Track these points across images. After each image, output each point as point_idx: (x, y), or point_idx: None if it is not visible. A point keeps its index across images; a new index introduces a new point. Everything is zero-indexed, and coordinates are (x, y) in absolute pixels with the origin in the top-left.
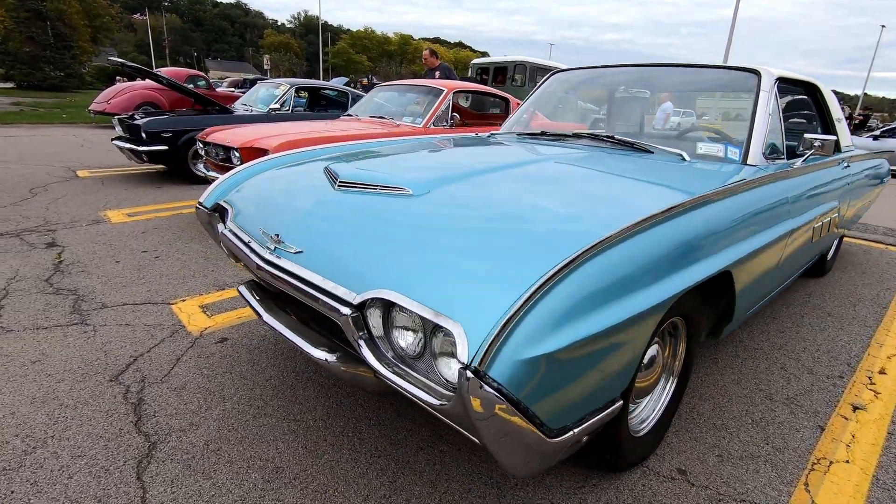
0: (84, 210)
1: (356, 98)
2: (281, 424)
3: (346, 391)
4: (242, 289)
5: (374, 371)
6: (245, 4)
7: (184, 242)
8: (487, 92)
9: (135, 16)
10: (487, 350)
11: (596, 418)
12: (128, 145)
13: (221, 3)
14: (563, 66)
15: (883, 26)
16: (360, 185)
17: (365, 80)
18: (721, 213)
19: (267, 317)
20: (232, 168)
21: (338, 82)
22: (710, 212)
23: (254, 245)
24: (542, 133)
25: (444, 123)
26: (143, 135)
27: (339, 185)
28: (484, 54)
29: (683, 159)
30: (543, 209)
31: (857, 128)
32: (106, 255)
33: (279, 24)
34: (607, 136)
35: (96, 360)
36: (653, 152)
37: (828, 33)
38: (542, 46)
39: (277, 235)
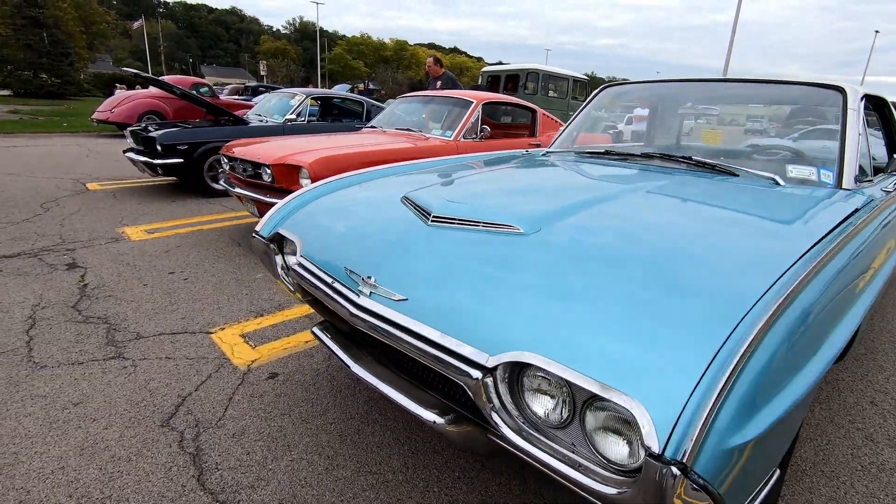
0: (100, 226)
1: (372, 108)
2: (358, 479)
3: (420, 436)
4: (319, 333)
5: (507, 440)
6: (240, 11)
7: (211, 262)
8: (514, 103)
9: (131, 23)
10: (694, 439)
11: (762, 494)
12: (142, 158)
13: (217, 9)
14: (578, 75)
15: (877, 31)
16: (459, 222)
17: (361, 86)
18: (862, 245)
19: (357, 368)
20: (261, 185)
21: (340, 89)
22: (855, 245)
23: (340, 287)
24: (606, 152)
25: (474, 136)
26: (159, 147)
27: (433, 221)
28: (479, 59)
29: (776, 183)
30: (685, 254)
31: None
32: (132, 278)
33: (274, 29)
34: (683, 158)
35: (142, 400)
36: (738, 175)
37: (819, 38)
38: (536, 51)
39: (371, 278)
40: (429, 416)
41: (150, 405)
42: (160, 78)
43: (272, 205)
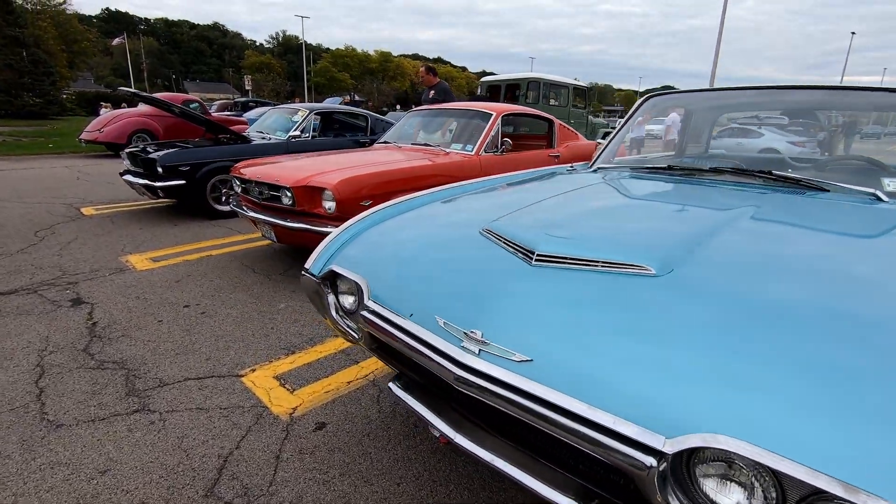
0: (102, 256)
1: (376, 122)
2: None
3: (506, 492)
4: (400, 392)
5: None
6: (223, 26)
7: (227, 292)
8: (532, 114)
9: (113, 41)
10: None
11: None
12: (142, 181)
13: (199, 24)
14: (577, 82)
15: (853, 33)
16: (574, 262)
17: (347, 98)
18: None
19: (463, 440)
20: (280, 209)
21: (331, 102)
22: None
23: (439, 343)
24: (669, 167)
25: (495, 150)
26: (160, 169)
27: (538, 260)
28: (464, 69)
29: (879, 199)
30: (866, 299)
31: None
32: (144, 313)
33: (258, 44)
34: (760, 172)
35: (178, 464)
36: (828, 190)
37: (791, 41)
38: (519, 59)
39: (477, 332)
40: (566, 502)
41: (188, 469)
42: (157, 96)
43: (292, 230)
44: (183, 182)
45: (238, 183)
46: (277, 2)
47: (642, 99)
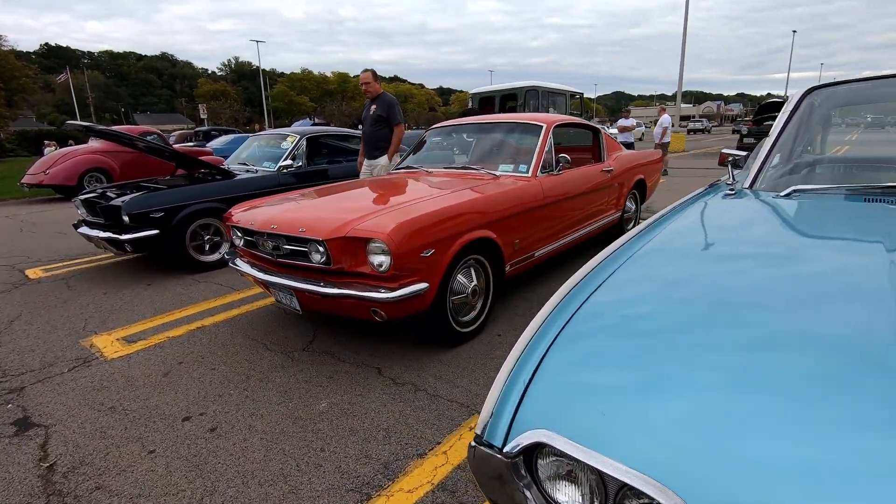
0: (57, 340)
1: None
2: None
3: None
4: None
5: None
6: (171, 56)
7: (238, 389)
8: (578, 124)
9: (54, 76)
10: None
11: None
12: (104, 234)
13: (146, 56)
14: (573, 89)
15: (794, 31)
16: None
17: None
18: None
19: None
20: (305, 268)
21: (302, 125)
22: None
23: None
24: (891, 187)
25: (550, 169)
26: (126, 218)
27: None
28: (421, 86)
29: None
30: None
31: None
32: (125, 438)
33: (210, 72)
34: None
35: None
36: None
37: (727, 44)
38: (474, 73)
39: None
40: None
41: None
42: (116, 130)
43: (326, 297)
44: (156, 232)
45: (239, 234)
46: (227, 29)
47: (804, 93)
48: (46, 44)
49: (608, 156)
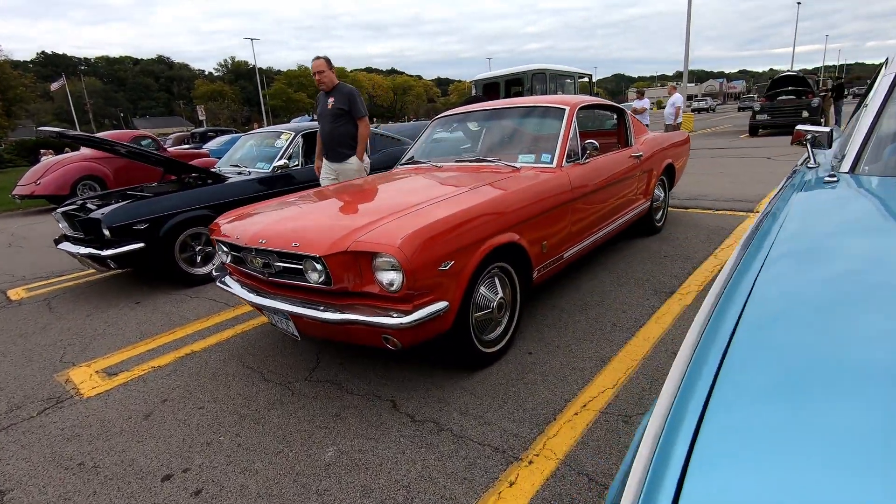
0: (31, 374)
1: (374, 138)
2: None
3: None
4: None
5: None
6: (167, 58)
7: (230, 435)
8: (604, 105)
9: (52, 85)
10: None
11: None
12: (84, 250)
13: (142, 59)
14: (581, 71)
15: (799, 3)
16: None
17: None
18: None
19: None
20: (303, 287)
21: (301, 121)
22: None
23: None
24: None
25: (575, 158)
26: (106, 232)
27: None
28: (419, 77)
29: None
30: None
31: (837, 97)
32: None
33: (207, 73)
34: None
35: None
36: None
37: (726, 19)
38: (471, 63)
39: None
40: None
41: None
42: (96, 135)
43: (326, 323)
44: (141, 245)
45: (225, 249)
46: (222, 29)
47: None
48: (43, 52)
49: (636, 139)
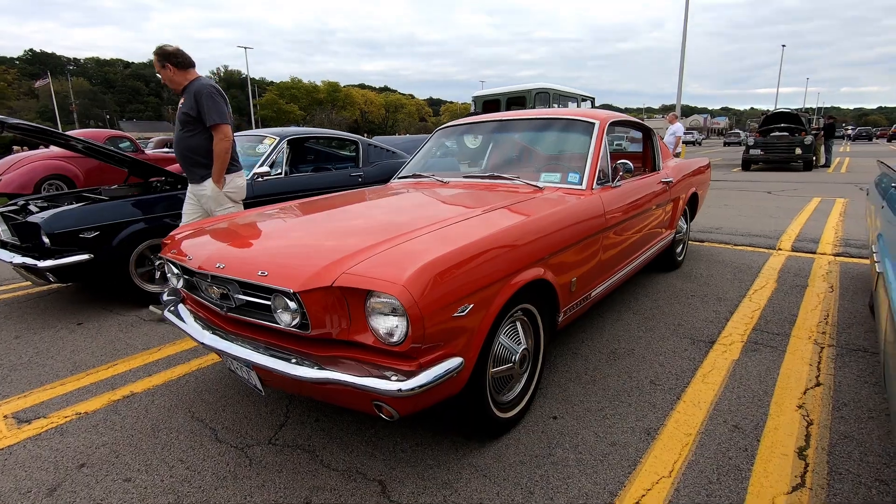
0: None
1: (370, 149)
2: None
3: None
4: None
5: None
6: None
7: None
8: (633, 123)
9: (35, 82)
10: None
11: None
12: (20, 259)
13: (133, 63)
14: (584, 93)
15: (784, 45)
16: None
17: None
18: None
19: None
20: (270, 330)
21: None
22: None
23: None
24: None
25: (607, 180)
26: (46, 239)
27: None
28: (411, 96)
29: None
30: None
31: (828, 135)
32: None
33: None
34: None
35: None
36: None
37: (712, 59)
38: (465, 85)
39: None
40: None
41: None
42: (50, 128)
43: (298, 381)
44: (88, 257)
45: (176, 272)
46: (215, 37)
47: None
48: (31, 50)
49: (663, 163)
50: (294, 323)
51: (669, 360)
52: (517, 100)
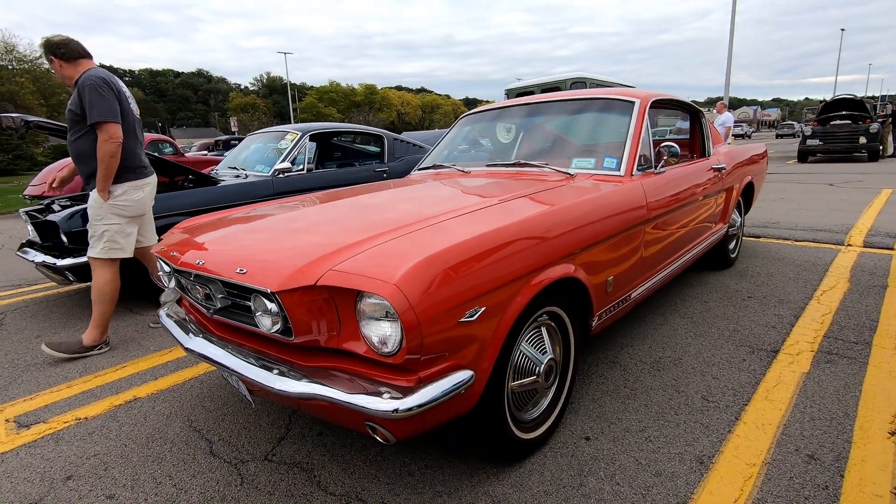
0: None
1: (396, 144)
2: None
3: None
4: None
5: None
6: (207, 72)
7: None
8: (679, 102)
9: None
10: None
11: None
12: (41, 257)
13: (182, 72)
14: (622, 82)
15: (843, 30)
16: None
17: None
18: None
19: None
20: (254, 334)
21: None
22: None
23: None
24: None
25: (649, 166)
26: (64, 238)
27: None
28: (447, 96)
29: None
30: None
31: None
32: None
33: (243, 87)
34: None
35: None
36: None
37: (759, 48)
38: (499, 84)
39: None
40: None
41: None
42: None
43: (282, 395)
44: None
45: (167, 270)
46: (260, 46)
47: None
48: None
49: (714, 149)
50: (276, 329)
51: (724, 371)
52: (552, 90)
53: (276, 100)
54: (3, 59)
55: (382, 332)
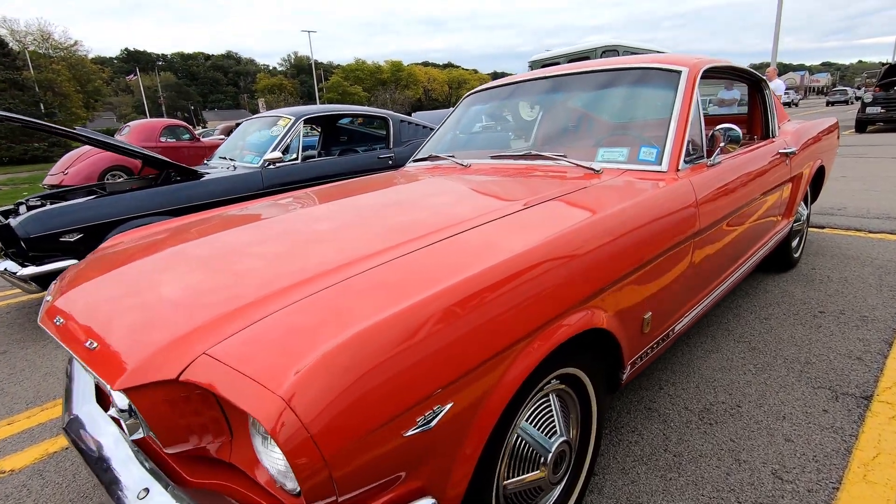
0: None
1: (402, 126)
2: None
3: None
4: None
5: None
6: (236, 54)
7: None
8: (739, 70)
9: (128, 77)
10: None
11: None
12: (2, 265)
13: (213, 55)
14: (657, 48)
15: None
16: None
17: None
18: None
19: None
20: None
21: None
22: None
23: None
24: None
25: (700, 154)
26: (23, 244)
27: None
28: (475, 71)
29: None
30: None
31: None
32: None
33: (271, 68)
34: None
35: None
36: None
37: (808, 8)
38: (530, 56)
39: None
40: None
41: None
42: (48, 124)
43: None
44: (70, 262)
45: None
46: (287, 28)
47: None
48: (126, 49)
49: (780, 127)
50: (136, 435)
51: (800, 430)
52: (580, 61)
53: (303, 80)
54: (40, 48)
55: (280, 466)
